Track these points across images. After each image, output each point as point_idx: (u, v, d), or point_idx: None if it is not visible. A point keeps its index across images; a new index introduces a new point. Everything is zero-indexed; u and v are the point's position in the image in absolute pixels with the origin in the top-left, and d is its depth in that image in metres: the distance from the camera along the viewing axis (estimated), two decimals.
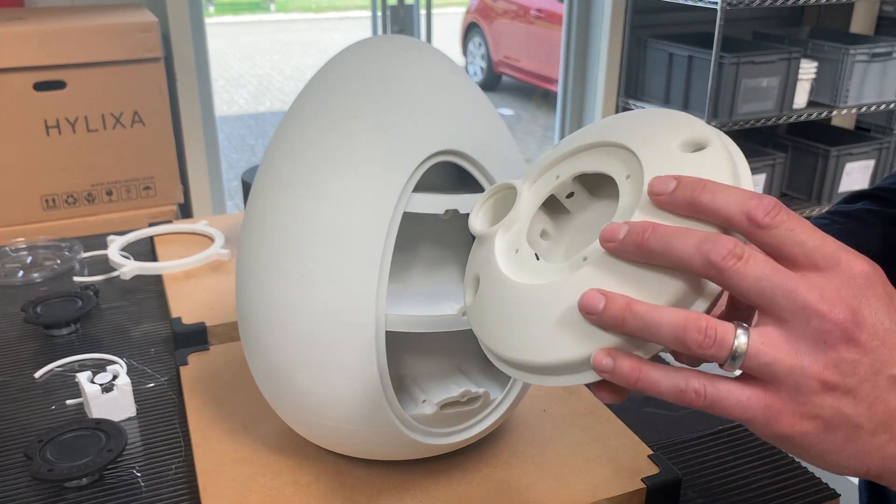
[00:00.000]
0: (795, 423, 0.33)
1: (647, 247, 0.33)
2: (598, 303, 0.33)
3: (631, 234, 0.34)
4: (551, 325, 0.36)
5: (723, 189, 0.33)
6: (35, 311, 0.81)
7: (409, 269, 0.56)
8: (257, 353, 0.54)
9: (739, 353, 0.33)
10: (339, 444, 0.55)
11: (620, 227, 0.34)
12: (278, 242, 0.51)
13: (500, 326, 0.39)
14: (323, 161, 0.50)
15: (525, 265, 0.40)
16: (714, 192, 0.33)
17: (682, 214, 0.34)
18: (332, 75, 0.53)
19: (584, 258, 0.37)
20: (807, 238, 0.32)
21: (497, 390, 0.56)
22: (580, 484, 0.56)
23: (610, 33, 2.72)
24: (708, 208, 0.33)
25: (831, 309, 0.32)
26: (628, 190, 0.37)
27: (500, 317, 0.39)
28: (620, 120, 0.40)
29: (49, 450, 0.59)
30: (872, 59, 2.67)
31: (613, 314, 0.33)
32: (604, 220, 0.38)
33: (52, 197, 1.75)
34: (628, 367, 0.34)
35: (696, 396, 0.34)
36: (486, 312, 0.40)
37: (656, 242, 0.33)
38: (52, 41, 1.65)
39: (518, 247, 0.41)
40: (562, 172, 0.42)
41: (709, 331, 0.32)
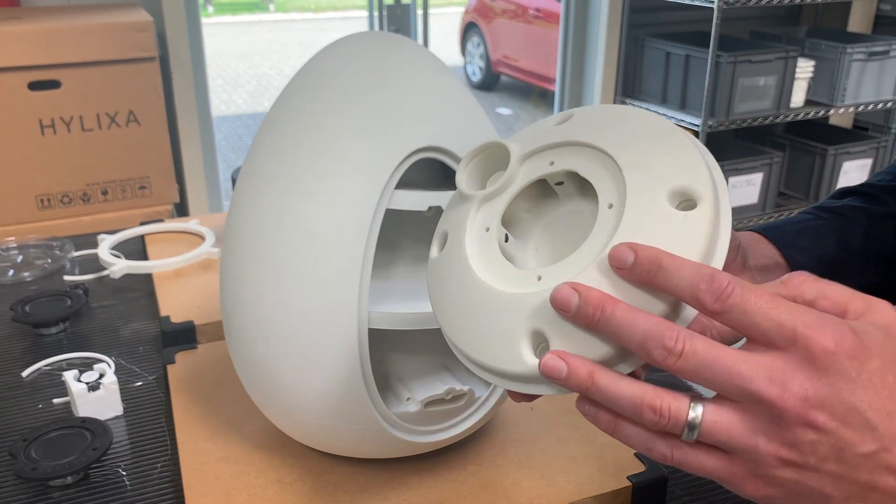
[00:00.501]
0: (760, 487, 0.33)
1: (596, 326, 0.34)
2: (561, 370, 0.34)
3: (582, 308, 0.34)
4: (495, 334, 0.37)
5: (677, 268, 0.33)
6: (24, 309, 0.81)
7: (393, 267, 0.56)
8: (241, 352, 0.54)
9: (694, 428, 0.33)
10: (324, 442, 0.55)
11: (572, 295, 0.34)
12: (260, 241, 0.51)
13: (454, 310, 0.39)
14: (305, 158, 0.50)
15: (488, 251, 0.40)
16: (668, 273, 0.33)
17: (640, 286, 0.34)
18: (315, 73, 0.53)
19: (539, 277, 0.37)
20: (761, 319, 0.32)
21: (482, 388, 0.56)
22: (566, 482, 0.55)
23: (607, 32, 2.72)
24: (663, 288, 0.33)
25: (781, 393, 0.31)
26: (606, 224, 0.37)
27: (454, 301, 0.39)
28: (632, 126, 0.39)
29: (34, 448, 0.59)
30: (870, 57, 2.67)
31: (577, 384, 0.34)
32: (583, 222, 0.38)
33: (47, 197, 1.75)
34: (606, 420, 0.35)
35: (663, 458, 0.34)
36: (444, 285, 0.40)
37: (605, 326, 0.33)
38: (48, 40, 1.65)
39: (490, 225, 0.41)
40: (557, 161, 0.41)
41: (663, 409, 0.33)
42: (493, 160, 0.43)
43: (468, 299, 0.38)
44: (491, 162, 0.43)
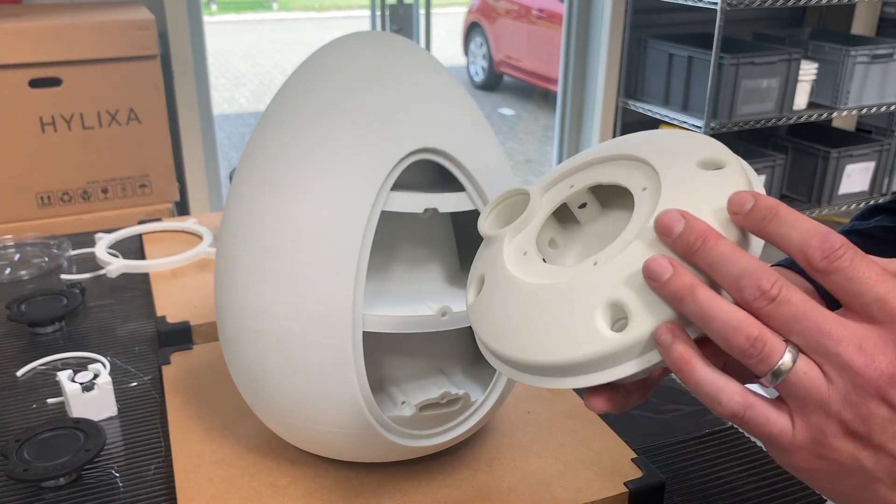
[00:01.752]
0: (812, 460, 0.33)
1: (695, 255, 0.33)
2: (665, 272, 0.33)
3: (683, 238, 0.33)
4: (565, 322, 0.35)
5: (792, 221, 0.32)
6: (19, 308, 0.80)
7: (388, 269, 0.55)
8: (235, 354, 0.53)
9: (780, 374, 0.32)
10: (318, 445, 0.54)
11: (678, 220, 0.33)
12: (255, 242, 0.50)
13: (507, 327, 0.38)
14: (300, 159, 0.49)
15: (533, 267, 0.39)
16: (782, 223, 0.33)
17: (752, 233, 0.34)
18: (311, 73, 0.52)
19: (595, 263, 0.36)
20: (865, 289, 0.31)
21: (478, 392, 0.55)
22: (562, 487, 0.55)
23: (610, 33, 2.72)
24: (774, 237, 0.33)
25: (868, 363, 0.31)
26: (645, 202, 0.37)
27: (507, 317, 0.38)
28: (638, 137, 0.40)
29: (26, 449, 0.59)
30: (873, 60, 2.66)
31: (674, 290, 0.33)
32: (614, 232, 0.38)
33: (47, 194, 1.75)
34: (679, 353, 0.33)
35: (732, 415, 0.33)
36: (490, 312, 0.39)
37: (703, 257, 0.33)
38: (49, 38, 1.64)
39: (527, 250, 0.40)
40: (576, 182, 0.41)
41: (757, 342, 0.32)
42: (513, 207, 0.43)
43: (527, 308, 0.37)
44: (511, 210, 0.43)
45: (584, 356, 0.34)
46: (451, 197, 0.51)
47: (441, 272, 0.56)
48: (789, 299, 0.32)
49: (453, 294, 0.54)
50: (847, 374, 0.31)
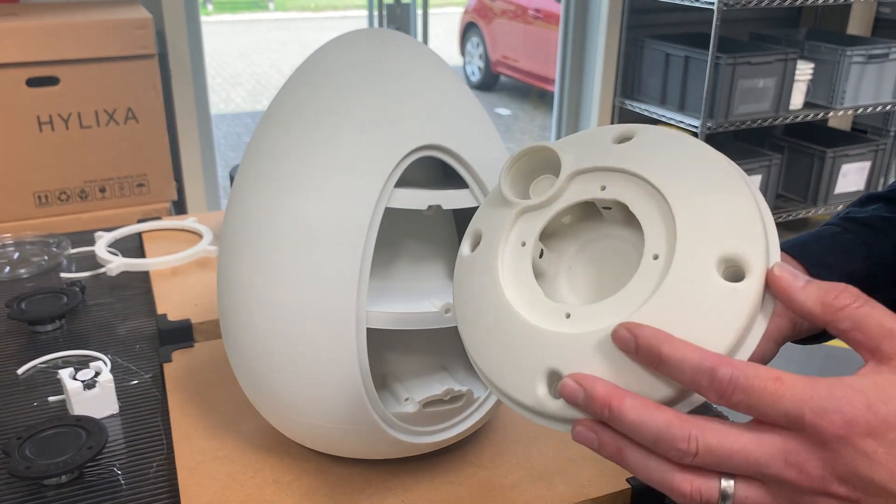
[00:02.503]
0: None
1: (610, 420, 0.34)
2: (592, 444, 0.35)
3: (589, 405, 0.34)
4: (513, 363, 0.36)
5: (678, 361, 0.32)
6: (19, 306, 0.80)
7: (392, 266, 0.55)
8: (238, 351, 0.54)
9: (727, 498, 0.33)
10: (321, 442, 0.54)
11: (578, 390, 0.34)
12: (258, 239, 0.50)
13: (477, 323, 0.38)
14: (304, 156, 0.49)
15: (521, 268, 0.39)
16: (670, 366, 0.33)
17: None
18: (314, 70, 0.53)
19: (568, 315, 0.36)
20: (768, 409, 0.32)
21: (481, 389, 0.55)
22: (565, 484, 0.55)
23: (607, 33, 2.72)
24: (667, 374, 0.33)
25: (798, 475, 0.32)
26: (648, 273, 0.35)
27: (479, 314, 0.39)
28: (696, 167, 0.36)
29: (28, 447, 0.59)
30: (869, 60, 2.67)
31: (607, 455, 0.35)
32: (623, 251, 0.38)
33: (44, 193, 1.74)
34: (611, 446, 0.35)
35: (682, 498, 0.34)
36: (471, 291, 0.40)
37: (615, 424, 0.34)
38: (46, 37, 1.64)
39: (527, 240, 0.40)
40: (610, 187, 0.38)
41: (693, 495, 0.33)
42: (539, 163, 0.41)
43: (492, 318, 0.38)
44: (536, 164, 0.41)
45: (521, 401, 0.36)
46: (455, 194, 0.51)
47: (444, 269, 0.56)
48: (709, 447, 0.32)
49: None
50: (786, 486, 0.32)
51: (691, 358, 0.32)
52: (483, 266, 0.40)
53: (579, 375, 0.34)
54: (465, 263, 0.41)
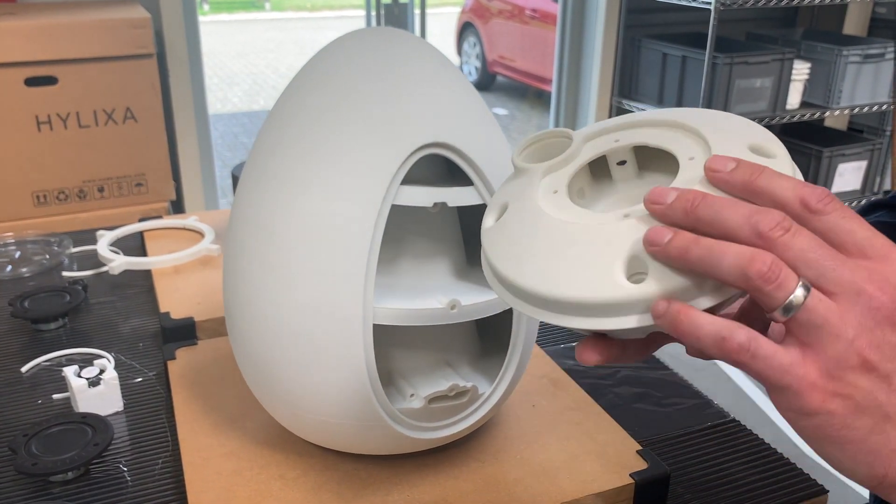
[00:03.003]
0: (826, 399, 0.32)
1: (695, 214, 0.33)
2: (665, 235, 0.33)
3: (680, 200, 0.34)
4: (585, 262, 0.35)
5: (779, 176, 0.34)
6: (22, 305, 0.81)
7: (397, 263, 0.55)
8: (244, 348, 0.54)
9: (795, 304, 0.32)
10: (327, 438, 0.55)
11: (669, 191, 0.34)
12: (265, 236, 0.50)
13: (524, 255, 0.37)
14: (310, 154, 0.50)
15: (563, 206, 0.39)
16: (770, 177, 0.34)
17: (735, 195, 0.34)
18: (320, 68, 0.53)
19: (626, 215, 0.36)
20: (857, 227, 0.33)
21: (485, 385, 0.56)
22: (569, 479, 0.55)
23: (604, 33, 2.73)
24: (763, 190, 0.33)
25: (879, 290, 0.32)
26: (690, 170, 0.37)
27: (526, 246, 0.38)
28: (690, 111, 0.40)
29: (34, 444, 0.59)
30: (865, 60, 2.68)
31: (677, 245, 0.33)
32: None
33: (43, 193, 1.74)
34: (675, 308, 0.33)
35: (739, 349, 0.32)
36: (509, 239, 0.39)
37: (705, 210, 0.33)
38: (44, 36, 1.64)
39: (558, 189, 0.40)
40: (622, 138, 0.41)
41: (774, 266, 0.32)
42: (551, 149, 0.42)
43: (550, 241, 0.37)
44: (549, 150, 0.42)
45: (597, 299, 0.34)
46: (460, 191, 0.51)
47: (449, 266, 0.56)
48: (802, 230, 0.32)
49: (461, 287, 0.54)
50: (862, 299, 0.32)
51: (790, 177, 0.34)
52: (521, 215, 0.39)
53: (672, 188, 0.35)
54: (493, 231, 0.40)
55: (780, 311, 0.32)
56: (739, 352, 0.33)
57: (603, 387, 0.72)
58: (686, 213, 0.34)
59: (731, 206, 0.33)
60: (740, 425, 0.67)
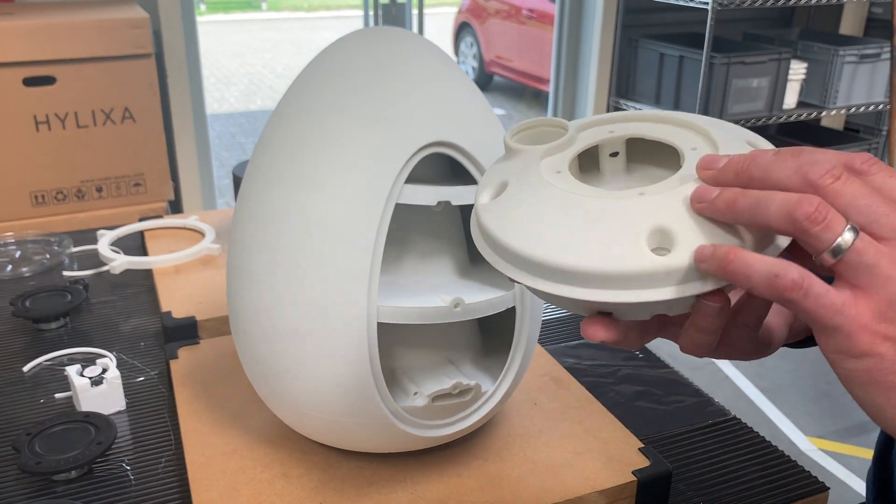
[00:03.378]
0: (877, 342, 0.32)
1: (747, 173, 0.34)
2: (712, 191, 0.34)
3: (731, 163, 0.35)
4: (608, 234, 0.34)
5: (820, 150, 0.34)
6: (24, 304, 0.81)
7: (401, 261, 0.56)
8: (248, 346, 0.54)
9: (844, 246, 0.32)
10: (330, 436, 0.55)
11: (720, 156, 0.35)
12: (270, 235, 0.51)
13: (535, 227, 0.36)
14: (315, 153, 0.50)
15: (571, 183, 0.38)
16: (813, 150, 0.34)
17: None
18: (324, 68, 0.53)
19: (641, 193, 0.35)
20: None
21: (488, 383, 0.56)
22: (571, 477, 0.56)
23: (601, 33, 2.73)
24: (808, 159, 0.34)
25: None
26: (696, 159, 0.36)
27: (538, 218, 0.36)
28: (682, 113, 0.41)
29: (38, 443, 0.59)
30: (861, 60, 2.69)
31: (724, 198, 0.34)
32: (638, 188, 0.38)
33: (41, 193, 1.74)
34: (724, 250, 0.33)
35: (793, 285, 0.32)
36: (515, 212, 0.38)
37: (756, 169, 0.34)
38: (42, 36, 1.64)
39: (560, 169, 0.39)
40: (617, 130, 0.41)
41: (821, 207, 0.32)
42: (543, 136, 0.42)
43: (567, 215, 0.36)
44: (541, 138, 0.42)
45: (621, 269, 0.34)
46: (463, 190, 0.51)
47: (452, 264, 0.57)
48: (853, 179, 0.33)
49: (464, 286, 0.55)
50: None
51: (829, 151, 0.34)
52: (530, 191, 0.38)
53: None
54: (493, 206, 0.39)
55: (829, 254, 0.32)
56: (792, 289, 0.32)
57: (604, 385, 0.72)
58: (738, 173, 0.35)
59: (780, 161, 0.34)
60: (741, 423, 0.67)
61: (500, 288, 0.54)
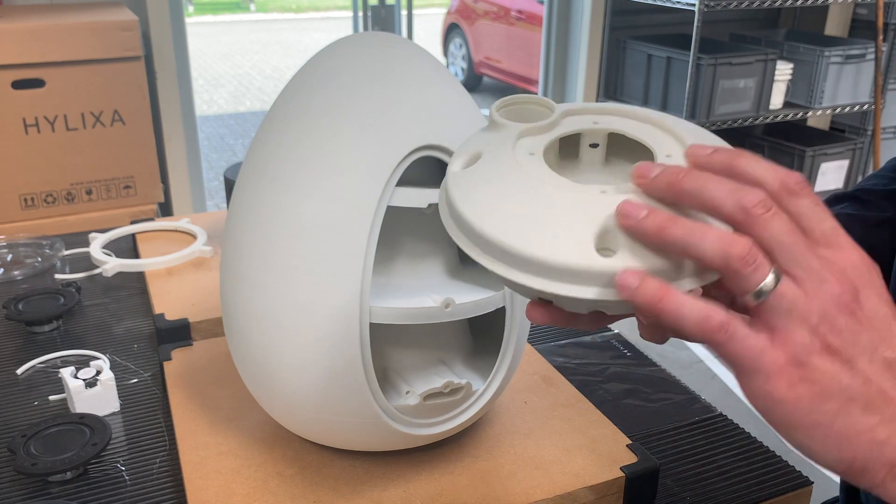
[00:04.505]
0: (794, 384, 0.33)
1: (680, 185, 0.34)
2: (641, 210, 0.34)
3: (665, 174, 0.34)
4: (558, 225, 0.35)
5: (757, 159, 0.35)
6: (17, 307, 0.81)
7: (393, 263, 0.57)
8: (242, 347, 0.55)
9: (766, 289, 0.33)
10: (324, 435, 0.56)
11: (654, 165, 0.35)
12: (263, 238, 0.51)
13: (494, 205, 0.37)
14: (307, 156, 0.51)
15: (541, 168, 0.38)
16: (750, 159, 0.35)
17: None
18: (315, 72, 0.54)
19: (603, 191, 0.36)
20: (825, 216, 0.34)
21: (478, 381, 0.57)
22: (561, 473, 0.57)
23: (589, 34, 2.75)
24: (743, 171, 0.34)
25: (840, 279, 0.33)
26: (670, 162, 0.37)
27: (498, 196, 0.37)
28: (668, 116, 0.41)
29: (33, 444, 0.59)
30: (846, 60, 2.72)
31: (654, 222, 0.33)
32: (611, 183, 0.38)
33: (30, 196, 1.74)
34: (653, 287, 0.33)
35: (719, 328, 0.33)
36: (479, 187, 0.38)
37: (690, 183, 0.34)
38: (31, 39, 1.64)
39: (534, 152, 0.39)
40: (601, 122, 0.41)
41: (753, 250, 0.33)
42: (527, 114, 0.42)
43: (523, 198, 0.36)
44: (525, 115, 0.42)
45: (561, 262, 0.34)
46: None
47: (442, 265, 0.57)
48: (781, 214, 0.33)
49: (455, 286, 0.55)
50: (826, 287, 0.33)
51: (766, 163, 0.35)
52: (497, 166, 0.38)
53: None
54: (462, 175, 0.39)
55: (752, 296, 0.33)
56: (718, 331, 0.33)
57: (593, 383, 0.73)
58: (670, 185, 0.34)
59: (716, 180, 0.34)
60: (727, 420, 0.68)
61: (490, 288, 0.54)
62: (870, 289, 0.34)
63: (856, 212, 0.63)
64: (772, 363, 0.33)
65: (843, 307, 0.33)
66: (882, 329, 0.34)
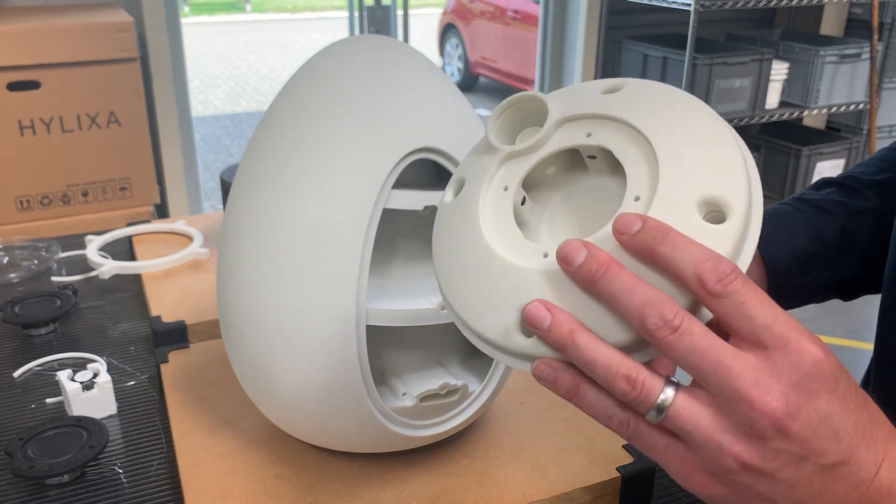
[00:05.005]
0: (707, 483, 0.33)
1: (595, 287, 0.33)
2: (545, 319, 0.33)
3: (584, 268, 0.33)
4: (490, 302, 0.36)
5: (684, 244, 0.32)
6: (13, 310, 0.81)
7: (389, 265, 0.57)
8: (239, 349, 0.55)
9: (662, 410, 0.33)
10: (321, 437, 0.56)
11: (580, 250, 0.33)
12: (260, 240, 0.51)
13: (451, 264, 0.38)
14: (304, 159, 0.51)
15: (502, 213, 0.39)
16: (674, 245, 0.32)
17: (640, 259, 0.33)
18: (312, 75, 0.54)
19: (545, 255, 0.36)
20: (756, 313, 0.31)
21: (475, 383, 0.57)
22: (557, 473, 0.57)
23: (585, 34, 2.75)
24: (663, 260, 0.32)
25: (763, 397, 0.31)
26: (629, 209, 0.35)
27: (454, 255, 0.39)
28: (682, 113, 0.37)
29: (30, 447, 0.60)
30: (842, 60, 2.73)
31: (555, 336, 0.33)
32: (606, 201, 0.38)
33: (26, 198, 1.74)
34: (567, 384, 0.34)
35: (620, 427, 0.34)
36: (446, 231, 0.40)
37: (604, 286, 0.32)
38: (27, 41, 1.63)
39: (509, 185, 0.39)
40: (595, 134, 0.38)
41: (636, 383, 0.32)
42: (527, 114, 0.41)
43: (470, 259, 0.37)
44: (525, 116, 0.41)
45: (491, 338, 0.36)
46: None
47: None
48: (691, 331, 0.31)
49: None
50: (743, 407, 0.31)
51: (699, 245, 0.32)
52: (464, 210, 0.39)
53: (587, 242, 0.33)
54: (446, 210, 0.41)
55: (650, 417, 0.33)
56: (620, 430, 0.34)
57: None
58: (588, 282, 0.33)
59: (629, 290, 0.32)
60: None
61: None
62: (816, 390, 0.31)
63: (842, 199, 0.63)
64: (682, 462, 0.34)
65: (764, 427, 0.31)
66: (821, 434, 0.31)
